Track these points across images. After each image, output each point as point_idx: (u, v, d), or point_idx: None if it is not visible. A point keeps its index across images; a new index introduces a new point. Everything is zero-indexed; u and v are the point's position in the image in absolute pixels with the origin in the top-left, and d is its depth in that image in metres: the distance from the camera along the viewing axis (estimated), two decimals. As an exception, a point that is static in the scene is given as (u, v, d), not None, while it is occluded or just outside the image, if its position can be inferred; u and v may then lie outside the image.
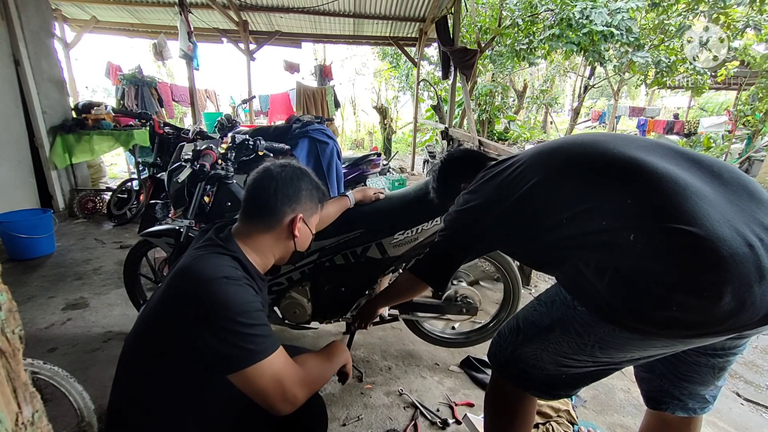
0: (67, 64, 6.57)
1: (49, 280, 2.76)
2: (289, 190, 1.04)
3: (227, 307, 0.84)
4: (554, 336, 0.90)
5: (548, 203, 0.91)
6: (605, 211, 0.81)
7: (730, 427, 1.77)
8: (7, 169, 3.49)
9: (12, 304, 0.53)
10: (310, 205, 1.10)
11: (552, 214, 0.89)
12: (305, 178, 1.09)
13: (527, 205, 0.94)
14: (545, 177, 0.93)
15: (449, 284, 1.17)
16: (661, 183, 0.77)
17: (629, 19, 5.52)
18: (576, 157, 0.92)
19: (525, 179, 0.95)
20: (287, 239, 1.05)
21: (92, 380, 1.64)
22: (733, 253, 0.68)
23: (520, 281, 1.88)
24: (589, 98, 17.81)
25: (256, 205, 1.04)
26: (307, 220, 1.09)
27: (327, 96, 8.11)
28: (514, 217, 0.97)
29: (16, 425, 0.51)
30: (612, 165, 0.85)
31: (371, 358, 1.98)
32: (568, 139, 1.02)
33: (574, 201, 0.86)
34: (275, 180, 1.03)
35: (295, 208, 1.05)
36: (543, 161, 0.96)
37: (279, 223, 1.03)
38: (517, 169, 0.98)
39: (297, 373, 0.91)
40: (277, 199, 1.02)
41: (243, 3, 6.18)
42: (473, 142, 3.98)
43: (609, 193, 0.83)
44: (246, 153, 2.02)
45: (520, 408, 1.04)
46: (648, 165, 0.80)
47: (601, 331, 0.82)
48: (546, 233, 0.91)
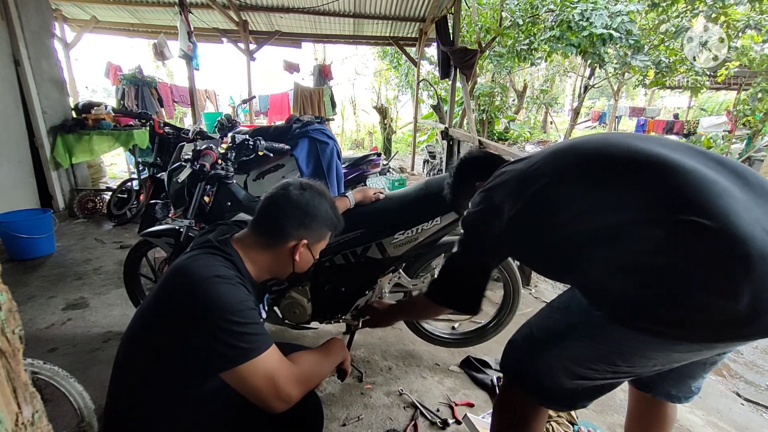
0: (67, 64, 6.57)
1: (49, 280, 2.76)
2: (301, 215, 1.03)
3: (219, 306, 0.84)
4: (571, 343, 0.87)
5: (564, 199, 0.87)
6: (629, 205, 0.77)
7: (730, 427, 1.77)
8: (7, 169, 3.49)
9: (12, 304, 0.53)
10: (319, 233, 1.08)
11: (568, 209, 0.85)
12: (322, 204, 1.07)
13: (542, 202, 0.90)
14: (561, 173, 0.90)
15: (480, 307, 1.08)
16: (691, 178, 0.74)
17: (629, 21, 5.51)
18: (594, 153, 0.88)
19: (540, 176, 0.92)
20: (287, 260, 1.05)
21: (92, 380, 1.64)
22: (763, 254, 0.65)
23: (520, 281, 1.88)
24: (589, 98, 17.81)
25: (264, 221, 1.04)
26: (311, 246, 1.07)
27: (324, 96, 8.11)
28: (530, 215, 0.93)
29: (16, 425, 0.51)
30: (635, 160, 0.81)
31: (371, 358, 1.98)
32: (585, 137, 0.99)
33: (592, 197, 0.83)
34: (290, 201, 1.02)
35: (302, 234, 1.03)
36: (558, 159, 0.94)
37: (282, 245, 1.02)
38: (532, 167, 0.95)
39: (291, 370, 0.91)
40: (286, 222, 1.02)
41: (243, 3, 6.18)
42: (473, 142, 3.97)
43: (633, 188, 0.79)
44: (246, 153, 2.02)
45: (533, 420, 0.99)
46: (675, 161, 0.77)
47: (621, 336, 0.78)
48: (562, 229, 0.86)
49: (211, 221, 1.87)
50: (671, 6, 6.13)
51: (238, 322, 0.85)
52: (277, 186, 1.07)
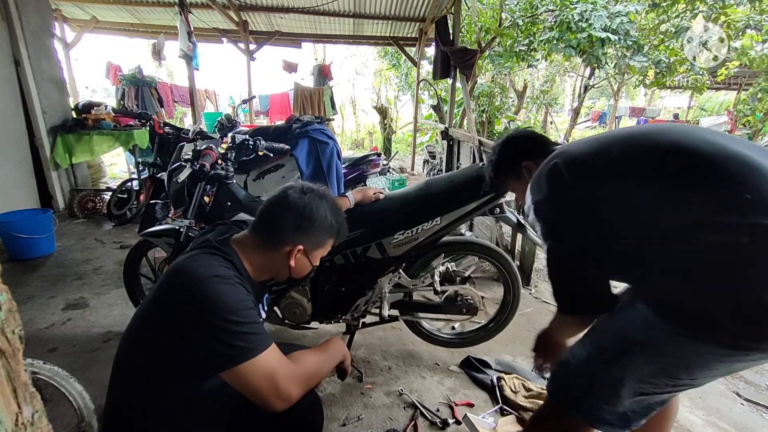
0: (67, 64, 6.58)
1: (49, 280, 2.75)
2: (298, 219, 1.01)
3: (219, 306, 0.84)
4: (633, 360, 0.82)
5: (635, 193, 0.80)
6: (703, 205, 0.72)
7: (730, 427, 1.77)
8: (7, 169, 3.49)
9: (12, 304, 0.53)
10: (317, 239, 1.05)
11: (639, 204, 0.79)
12: (322, 209, 1.04)
13: (612, 201, 0.84)
14: (633, 166, 0.83)
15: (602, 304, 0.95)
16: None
17: (628, 22, 5.50)
18: (670, 147, 0.81)
19: (613, 165, 0.85)
20: (283, 264, 1.03)
21: (92, 380, 1.64)
22: None
23: (520, 281, 1.88)
24: (589, 98, 17.82)
25: (262, 223, 1.03)
26: (309, 252, 1.05)
27: (324, 96, 8.11)
28: (601, 214, 0.86)
29: (16, 425, 0.51)
30: (722, 156, 0.74)
31: (371, 358, 1.98)
32: (657, 126, 0.92)
33: (666, 193, 0.76)
34: (288, 205, 1.01)
35: (299, 239, 1.01)
36: (633, 148, 0.86)
37: (278, 248, 1.01)
38: (603, 153, 0.88)
39: (290, 369, 0.91)
40: (283, 226, 1.00)
41: (243, 3, 6.18)
42: (473, 142, 3.97)
43: (710, 186, 0.73)
44: (246, 153, 2.02)
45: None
46: (756, 162, 0.72)
47: (690, 350, 0.74)
48: (633, 232, 0.80)
49: (211, 221, 1.87)
50: (671, 6, 6.13)
51: (237, 322, 0.85)
52: (279, 188, 1.06)
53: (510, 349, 2.13)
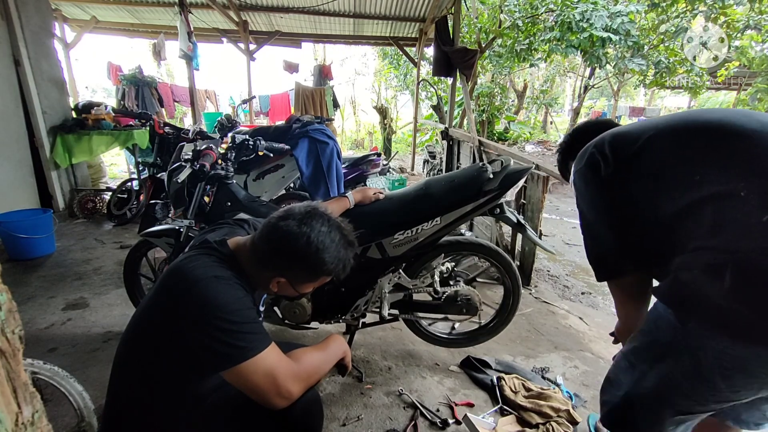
0: (67, 64, 6.58)
1: (49, 280, 2.76)
2: (286, 255, 0.95)
3: (218, 306, 0.85)
4: (666, 368, 0.79)
5: (671, 180, 0.81)
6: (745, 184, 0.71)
7: (730, 427, 1.77)
8: (7, 169, 3.48)
9: (12, 304, 0.53)
10: (307, 276, 1.00)
11: (676, 191, 0.79)
12: (320, 245, 0.95)
13: (648, 183, 0.86)
14: (670, 150, 0.84)
15: (625, 267, 0.97)
16: None
17: (629, 22, 5.50)
18: (717, 126, 0.82)
19: (649, 152, 0.87)
20: (267, 284, 1.00)
21: (92, 380, 1.64)
22: None
23: (520, 281, 1.88)
24: (589, 98, 17.80)
25: (258, 240, 0.99)
26: (294, 283, 1.00)
27: (326, 96, 8.11)
28: (636, 193, 0.88)
29: (16, 425, 0.51)
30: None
31: (371, 358, 1.98)
32: (693, 113, 0.94)
33: (708, 174, 0.76)
34: (281, 235, 0.95)
35: (281, 273, 0.97)
36: (673, 135, 0.87)
37: (263, 271, 0.98)
38: (643, 139, 0.89)
39: (290, 367, 0.91)
40: (271, 255, 0.96)
41: (243, 3, 6.18)
42: (473, 143, 3.97)
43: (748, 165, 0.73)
44: (246, 153, 2.03)
45: None
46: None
47: (720, 348, 0.70)
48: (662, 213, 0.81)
49: (211, 221, 1.87)
50: (671, 6, 6.13)
51: (236, 322, 0.85)
52: (283, 210, 1.00)
53: (510, 349, 2.13)
